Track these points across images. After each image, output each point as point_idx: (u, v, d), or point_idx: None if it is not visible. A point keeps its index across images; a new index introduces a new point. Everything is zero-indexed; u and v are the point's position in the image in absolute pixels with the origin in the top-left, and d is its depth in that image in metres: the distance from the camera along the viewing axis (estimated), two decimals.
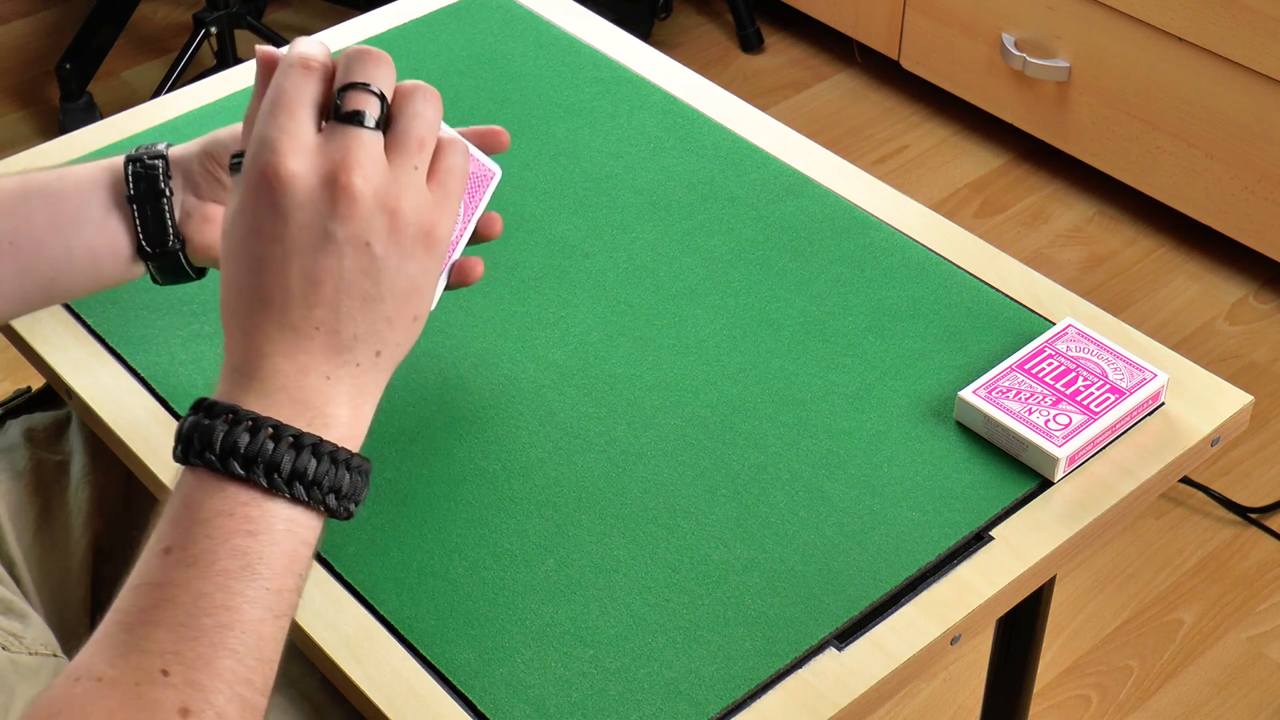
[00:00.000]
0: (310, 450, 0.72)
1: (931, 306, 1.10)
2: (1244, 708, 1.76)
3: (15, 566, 1.05)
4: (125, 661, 0.68)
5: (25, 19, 2.80)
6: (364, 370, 0.75)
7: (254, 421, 0.71)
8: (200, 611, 0.69)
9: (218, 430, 0.71)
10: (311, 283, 0.73)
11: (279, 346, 0.73)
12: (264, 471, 0.71)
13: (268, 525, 0.71)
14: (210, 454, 0.71)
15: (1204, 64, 2.13)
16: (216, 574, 0.69)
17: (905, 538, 0.95)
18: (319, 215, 0.72)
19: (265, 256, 0.72)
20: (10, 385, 2.05)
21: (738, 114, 1.27)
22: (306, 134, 0.73)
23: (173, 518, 0.72)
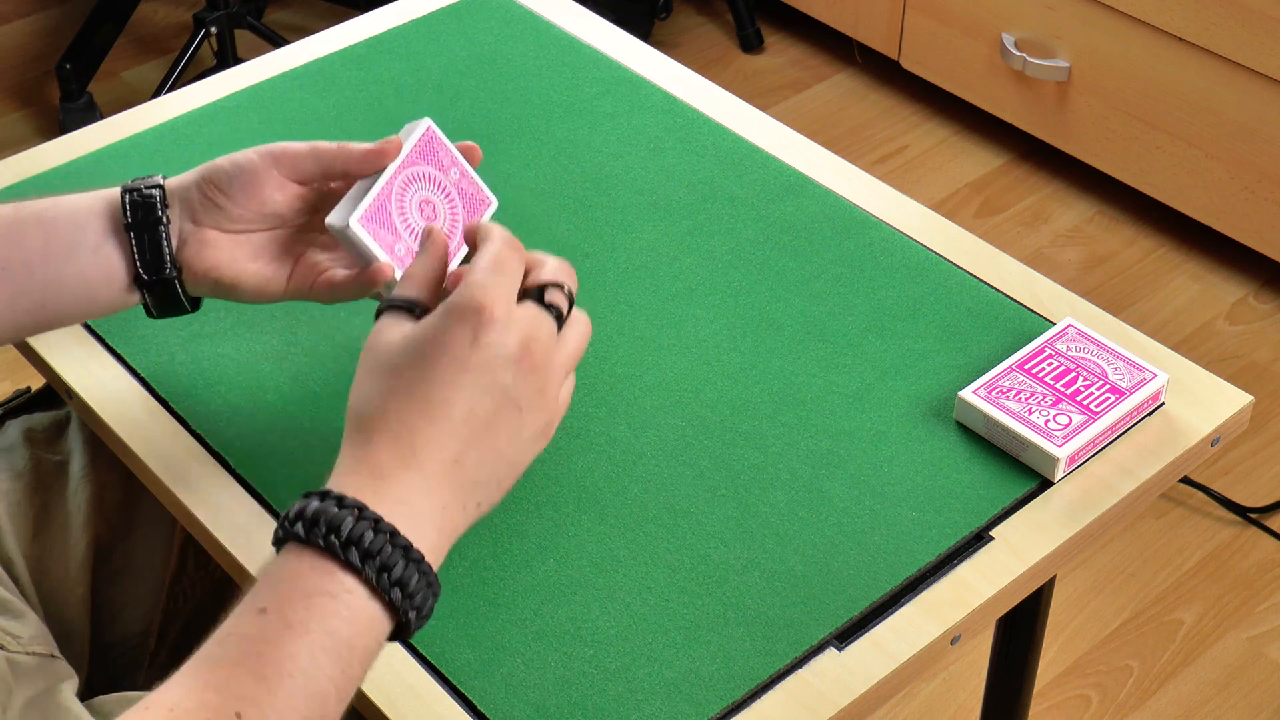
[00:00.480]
0: (416, 565, 0.76)
1: (931, 306, 1.10)
2: (1244, 708, 1.76)
3: (14, 566, 1.05)
4: (200, 697, 0.71)
5: (25, 19, 2.80)
6: (465, 513, 0.80)
7: (377, 522, 0.76)
8: (284, 671, 0.72)
9: (346, 519, 0.75)
10: (473, 415, 0.79)
11: (414, 463, 0.78)
12: (377, 569, 0.75)
13: (362, 618, 0.75)
14: (335, 538, 0.75)
15: (1204, 64, 2.13)
16: (307, 644, 0.73)
17: (905, 538, 0.95)
18: (503, 363, 0.80)
19: (448, 376, 0.79)
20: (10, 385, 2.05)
21: (738, 114, 1.27)
22: (515, 297, 0.82)
23: (273, 584, 0.75)
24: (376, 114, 1.27)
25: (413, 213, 0.96)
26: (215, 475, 0.99)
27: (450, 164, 0.98)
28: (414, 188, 0.96)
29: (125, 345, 1.07)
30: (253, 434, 1.01)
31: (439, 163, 0.98)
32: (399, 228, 0.95)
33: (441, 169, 0.98)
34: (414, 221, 0.96)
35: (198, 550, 1.11)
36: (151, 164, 1.22)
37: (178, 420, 1.02)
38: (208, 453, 1.00)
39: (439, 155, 0.98)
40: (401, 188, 0.96)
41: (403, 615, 0.76)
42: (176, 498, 0.98)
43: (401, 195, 0.96)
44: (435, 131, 0.98)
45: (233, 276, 0.96)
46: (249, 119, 1.27)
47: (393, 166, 0.95)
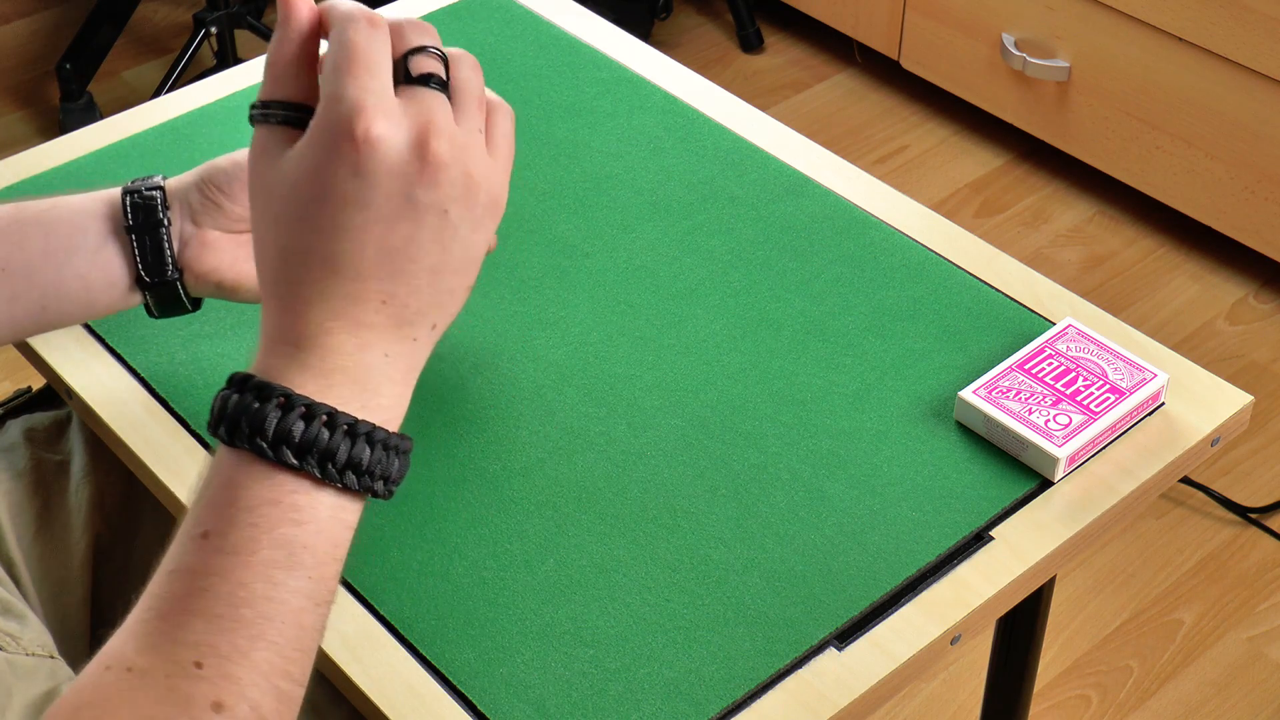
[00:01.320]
0: (365, 439, 0.69)
1: (931, 306, 1.10)
2: (1244, 708, 1.76)
3: (15, 567, 1.05)
4: (157, 652, 0.66)
5: (25, 19, 2.80)
6: (419, 345, 0.72)
7: (308, 408, 0.68)
8: (239, 602, 0.66)
9: (269, 415, 0.68)
10: (386, 251, 0.70)
11: (342, 320, 0.69)
12: (318, 461, 0.68)
13: (314, 514, 0.69)
14: (261, 440, 0.68)
15: (1204, 64, 2.13)
16: (259, 564, 0.67)
17: (905, 538, 0.95)
18: (405, 181, 0.69)
19: (342, 222, 0.69)
20: (10, 385, 2.05)
21: (738, 114, 1.27)
22: (389, 95, 0.69)
23: (210, 501, 0.69)
24: None
25: None
26: None
27: None
28: None
29: (125, 345, 1.07)
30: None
31: None
32: None
33: None
34: None
35: None
36: (151, 164, 1.22)
37: (178, 420, 1.02)
38: (208, 453, 1.00)
39: None
40: None
41: (366, 492, 0.70)
42: (176, 498, 0.98)
43: None
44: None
45: (234, 278, 0.97)
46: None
47: None
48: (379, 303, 0.70)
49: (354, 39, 0.69)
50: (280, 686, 0.67)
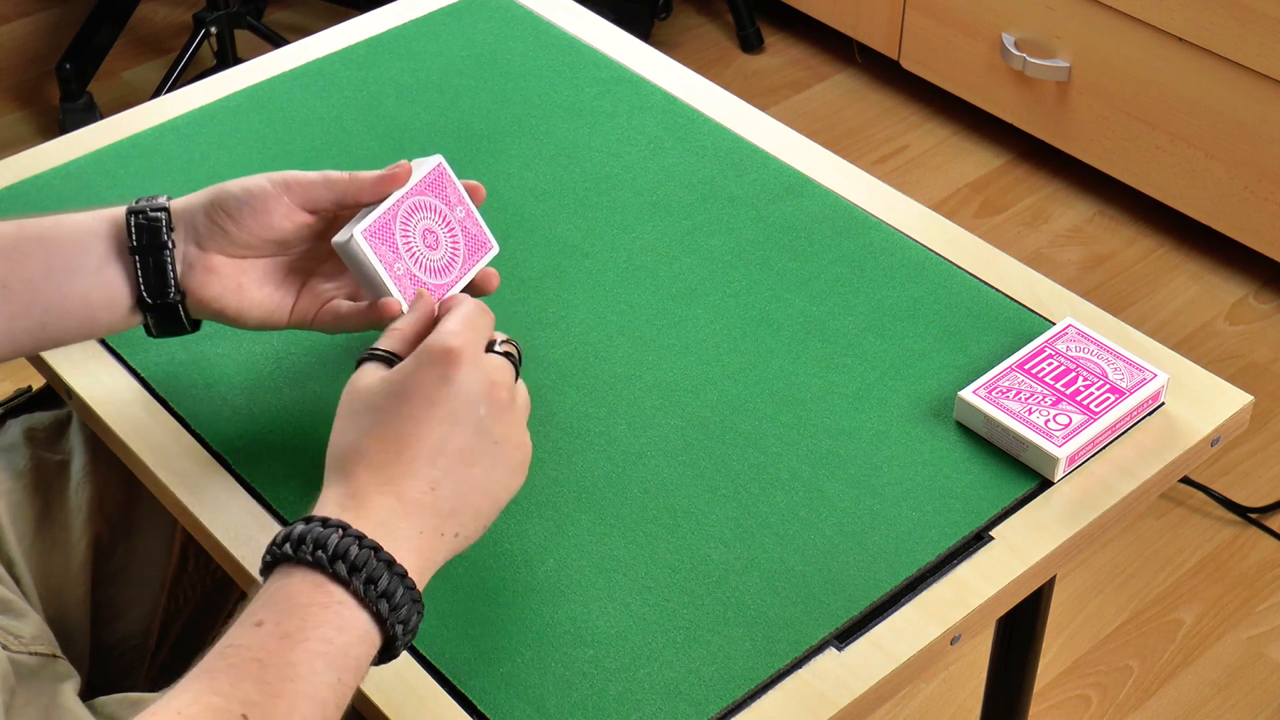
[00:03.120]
0: (400, 579, 0.80)
1: (931, 306, 1.10)
2: (1244, 708, 1.76)
3: (15, 566, 1.05)
4: (206, 701, 0.74)
5: (25, 19, 2.80)
6: (443, 542, 0.84)
7: (360, 538, 0.79)
8: (285, 677, 0.75)
9: (331, 536, 0.79)
10: (444, 451, 0.84)
11: (390, 490, 0.82)
12: (364, 580, 0.78)
13: (353, 628, 0.78)
14: (323, 553, 0.78)
15: (1204, 64, 2.13)
16: (304, 651, 0.76)
17: (905, 538, 0.95)
18: (475, 399, 0.85)
19: (418, 413, 0.84)
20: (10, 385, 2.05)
21: (738, 114, 1.27)
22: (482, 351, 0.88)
23: (267, 600, 0.78)
24: (376, 114, 1.27)
25: (416, 238, 0.97)
26: (215, 475, 0.99)
27: (457, 202, 0.99)
28: (419, 215, 0.97)
29: (125, 345, 1.07)
30: (253, 434, 1.01)
31: (445, 198, 0.99)
32: (400, 249, 0.95)
33: (448, 204, 0.99)
34: (416, 246, 0.96)
35: (198, 550, 1.11)
36: (151, 164, 1.22)
37: (178, 420, 1.02)
38: (208, 453, 1.00)
39: (446, 191, 0.99)
40: (407, 213, 0.97)
41: (390, 628, 0.79)
42: (176, 498, 0.98)
43: (406, 219, 0.96)
44: (445, 169, 0.99)
45: (237, 304, 0.96)
46: (249, 119, 1.27)
47: (400, 192, 0.96)
48: (427, 487, 0.83)
49: (471, 310, 0.90)
50: None
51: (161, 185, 1.19)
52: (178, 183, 1.20)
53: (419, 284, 0.96)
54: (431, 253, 0.97)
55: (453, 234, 0.99)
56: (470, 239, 1.00)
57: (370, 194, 0.96)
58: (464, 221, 1.00)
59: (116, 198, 1.18)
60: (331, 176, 0.96)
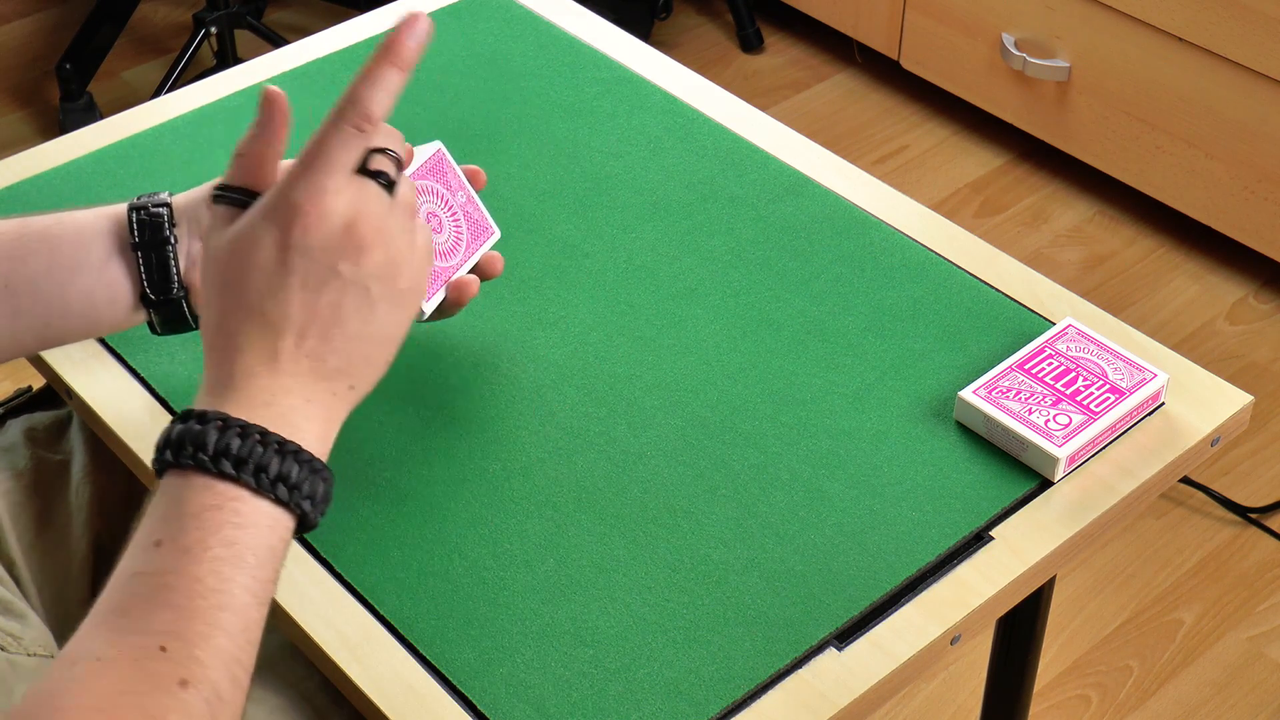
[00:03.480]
0: (293, 457, 0.76)
1: (931, 306, 1.10)
2: (1244, 708, 1.76)
3: (15, 567, 1.05)
4: (124, 641, 0.71)
5: (25, 19, 2.80)
6: (337, 400, 0.80)
7: (243, 428, 0.76)
8: (196, 594, 0.72)
9: (210, 434, 0.75)
10: (312, 312, 0.79)
11: (268, 367, 0.78)
12: (253, 472, 0.75)
13: (254, 520, 0.75)
14: (203, 454, 0.75)
15: (1204, 64, 2.13)
16: (210, 560, 0.73)
17: (905, 538, 0.95)
18: (332, 254, 0.79)
19: (275, 285, 0.78)
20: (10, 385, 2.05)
21: (738, 114, 1.27)
22: (341, 190, 0.79)
23: (161, 515, 0.75)
24: None
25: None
26: None
27: (458, 187, 1.00)
28: (422, 199, 0.97)
29: (125, 345, 1.07)
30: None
31: (447, 183, 0.99)
32: None
33: (449, 189, 0.99)
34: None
35: None
36: (151, 164, 1.22)
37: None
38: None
39: (447, 176, 0.99)
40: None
41: (295, 508, 0.76)
42: None
43: None
44: (445, 154, 0.99)
45: None
46: (249, 119, 1.26)
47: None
48: (303, 356, 0.79)
49: (331, 140, 0.80)
50: (234, 673, 0.73)
51: (161, 185, 1.19)
52: (177, 183, 1.20)
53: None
54: (436, 236, 0.97)
55: (455, 218, 0.99)
56: (473, 223, 1.00)
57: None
58: (466, 206, 1.00)
59: (117, 197, 1.17)
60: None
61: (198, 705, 0.70)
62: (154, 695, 0.69)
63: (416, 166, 0.98)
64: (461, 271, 0.99)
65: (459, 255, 0.99)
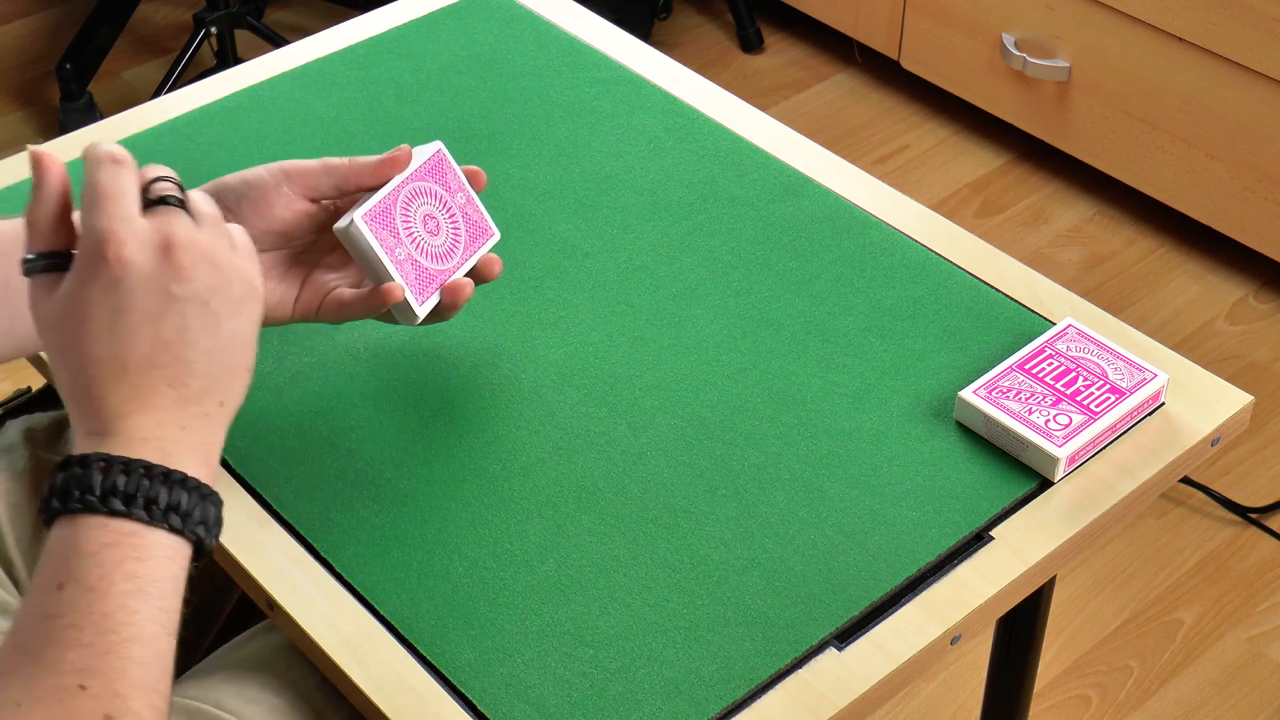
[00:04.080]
0: (180, 485, 0.77)
1: (931, 306, 1.10)
2: (1244, 708, 1.76)
3: (14, 568, 1.05)
4: (41, 685, 0.71)
5: (25, 19, 2.80)
6: (211, 420, 0.80)
7: (125, 465, 0.76)
8: (106, 629, 0.73)
9: (94, 475, 0.75)
10: (161, 343, 0.78)
11: (135, 405, 0.78)
12: (144, 505, 0.75)
13: (151, 552, 0.76)
14: (91, 496, 0.75)
15: (1204, 64, 2.13)
16: (115, 594, 0.74)
17: (905, 538, 0.95)
18: (161, 281, 0.78)
19: (116, 329, 0.78)
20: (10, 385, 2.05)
21: (738, 114, 1.27)
22: (136, 218, 0.79)
23: (59, 559, 0.75)
24: (376, 114, 1.27)
25: (417, 223, 0.97)
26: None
27: (457, 188, 1.00)
28: (419, 201, 0.97)
29: None
30: (253, 434, 1.01)
31: (446, 184, 0.99)
32: (401, 234, 0.96)
33: (448, 190, 0.99)
34: (417, 231, 0.97)
35: None
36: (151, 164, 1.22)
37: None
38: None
39: (446, 178, 0.99)
40: (408, 198, 0.97)
41: (190, 535, 0.77)
42: None
43: (407, 204, 0.96)
44: (445, 155, 0.99)
45: None
46: (249, 119, 1.27)
47: (400, 177, 0.96)
48: (165, 386, 0.78)
49: (100, 179, 0.80)
50: (153, 701, 0.73)
51: None
52: None
53: (420, 269, 0.96)
54: (433, 238, 0.97)
55: (454, 220, 0.99)
56: (471, 225, 1.00)
57: (370, 178, 0.96)
58: (465, 208, 1.00)
59: None
60: (330, 163, 0.96)
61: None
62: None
63: (416, 167, 0.98)
64: (460, 273, 0.99)
65: (456, 258, 0.99)
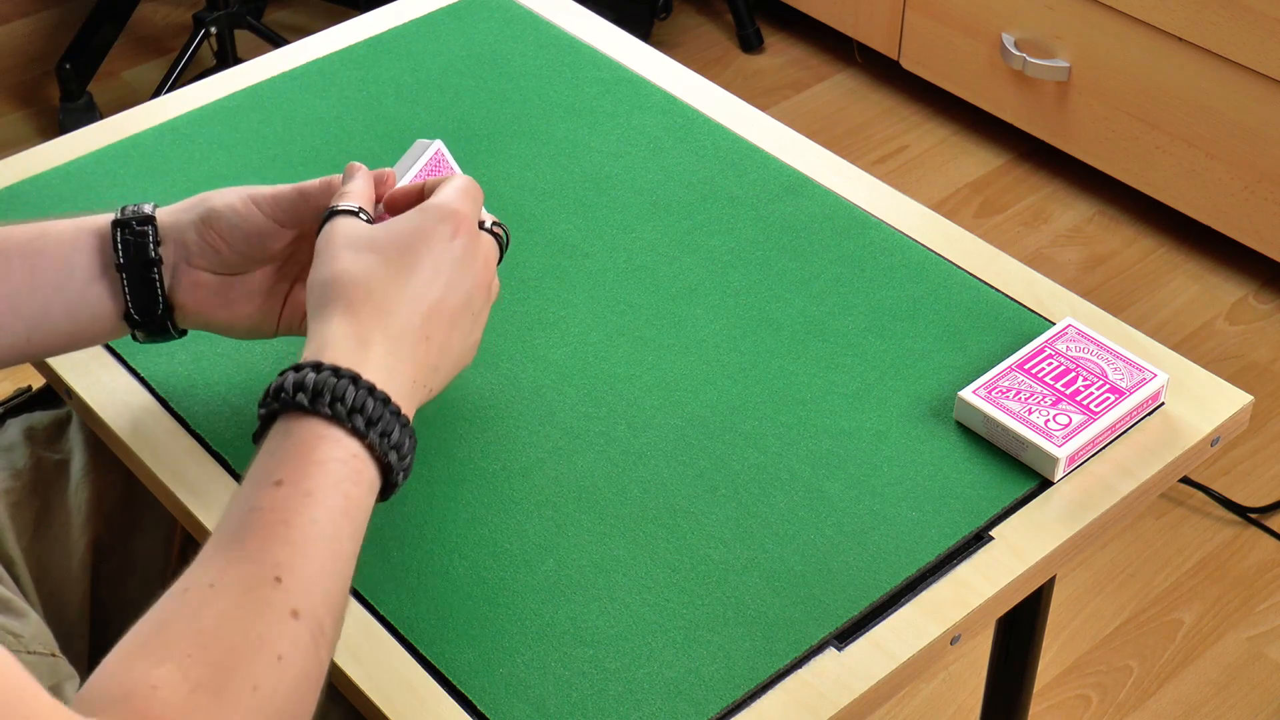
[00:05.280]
0: (405, 428, 0.82)
1: (931, 306, 1.10)
2: (1244, 708, 1.76)
3: (15, 566, 1.05)
4: (238, 569, 0.75)
5: (25, 19, 2.80)
6: (421, 392, 0.86)
7: (372, 390, 0.80)
8: (313, 535, 0.76)
9: (348, 390, 0.80)
10: (441, 306, 0.86)
11: (397, 337, 0.84)
12: (380, 434, 0.80)
13: (366, 481, 0.80)
14: (341, 406, 0.79)
15: (1204, 64, 2.13)
16: (328, 508, 0.77)
17: (905, 538, 0.95)
18: (471, 270, 0.88)
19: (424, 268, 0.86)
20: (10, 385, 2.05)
21: (738, 114, 1.27)
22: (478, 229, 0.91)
23: (284, 456, 0.79)
24: (376, 114, 1.27)
25: None
26: (215, 475, 0.99)
27: None
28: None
29: (125, 345, 1.07)
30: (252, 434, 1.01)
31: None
32: None
33: None
34: None
35: (198, 550, 1.10)
36: (151, 164, 1.22)
37: (177, 420, 1.02)
38: (208, 453, 1.00)
39: (446, 174, 0.99)
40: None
41: (394, 477, 0.82)
42: (176, 498, 0.98)
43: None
44: (444, 152, 0.99)
45: (226, 317, 0.97)
46: (249, 119, 1.27)
47: (408, 176, 0.96)
48: (423, 337, 0.85)
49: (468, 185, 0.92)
50: (336, 614, 0.77)
51: (161, 185, 1.19)
52: (177, 183, 1.20)
53: None
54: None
55: None
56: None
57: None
58: None
59: (116, 198, 1.18)
60: (305, 189, 0.95)
61: (304, 636, 0.73)
62: (265, 621, 0.73)
63: (417, 164, 0.98)
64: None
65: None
